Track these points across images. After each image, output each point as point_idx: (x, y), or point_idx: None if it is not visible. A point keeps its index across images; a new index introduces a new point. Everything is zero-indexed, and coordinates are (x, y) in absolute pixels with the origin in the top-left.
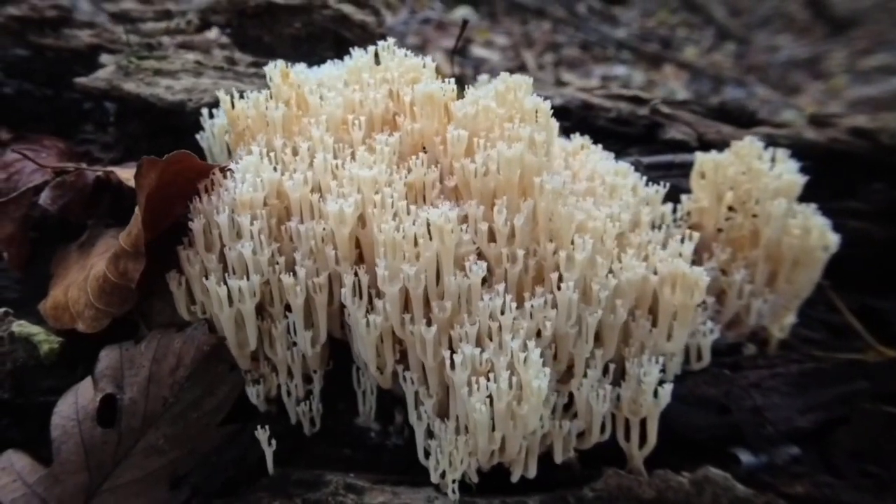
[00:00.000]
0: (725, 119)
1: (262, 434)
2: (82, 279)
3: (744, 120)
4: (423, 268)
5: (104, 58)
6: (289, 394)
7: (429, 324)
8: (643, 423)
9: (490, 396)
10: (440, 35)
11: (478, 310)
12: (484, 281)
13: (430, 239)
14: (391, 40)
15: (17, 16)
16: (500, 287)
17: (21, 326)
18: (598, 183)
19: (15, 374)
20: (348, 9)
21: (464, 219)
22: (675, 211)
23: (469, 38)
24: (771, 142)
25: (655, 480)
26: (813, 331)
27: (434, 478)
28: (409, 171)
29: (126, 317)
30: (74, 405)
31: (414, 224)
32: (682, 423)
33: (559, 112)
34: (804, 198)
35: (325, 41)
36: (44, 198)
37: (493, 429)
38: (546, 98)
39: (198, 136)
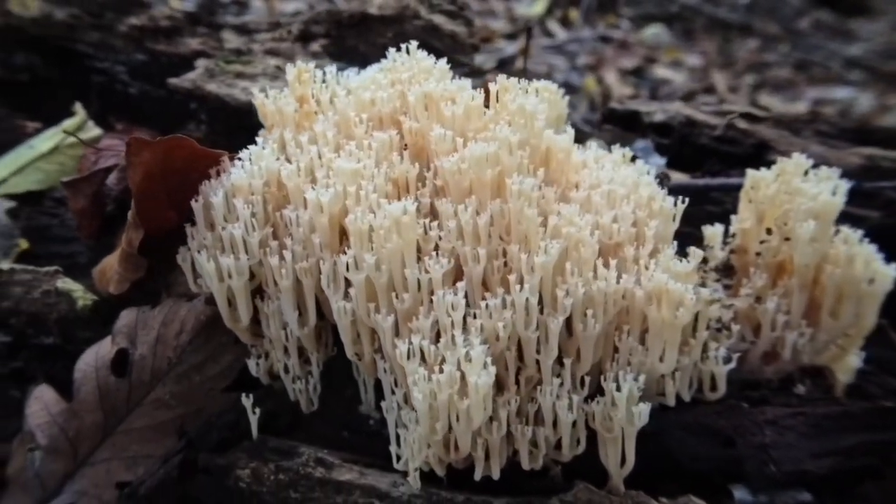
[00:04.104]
0: (861, 141)
1: (246, 401)
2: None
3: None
4: (385, 258)
5: (199, 61)
6: (286, 371)
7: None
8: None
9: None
10: (620, 55)
11: (433, 304)
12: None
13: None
14: (414, 44)
15: (138, 25)
16: (461, 284)
17: (64, 283)
18: (597, 191)
19: (60, 322)
20: (439, 19)
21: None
22: (726, 233)
23: (652, 58)
24: (871, 165)
25: (628, 501)
26: None
27: (398, 464)
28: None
29: (154, 286)
30: (95, 354)
31: (385, 217)
32: (680, 451)
33: (660, 128)
34: None
35: None
36: (110, 179)
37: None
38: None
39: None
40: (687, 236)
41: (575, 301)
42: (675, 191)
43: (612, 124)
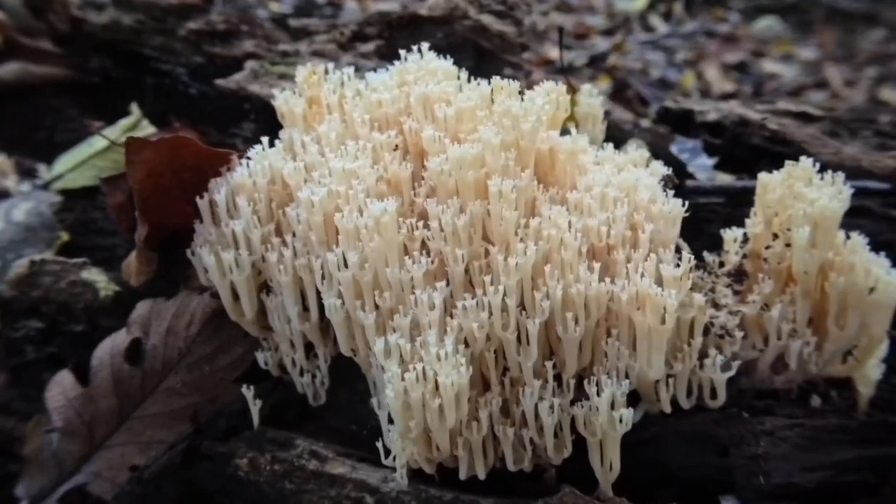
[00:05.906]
0: None
1: (247, 392)
2: None
3: None
4: (368, 257)
5: (248, 63)
6: (293, 364)
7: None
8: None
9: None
10: (725, 49)
11: (411, 303)
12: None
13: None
14: (425, 45)
15: (196, 29)
16: (440, 284)
17: (89, 273)
18: (589, 193)
19: (86, 311)
20: (488, 19)
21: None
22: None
23: (760, 52)
24: None
25: None
26: None
27: (386, 460)
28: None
29: (174, 279)
30: (112, 343)
31: (369, 217)
32: (675, 459)
33: (712, 128)
34: None
35: (466, 51)
36: None
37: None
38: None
39: None
40: (720, 238)
41: (554, 303)
42: (713, 192)
43: (666, 123)
